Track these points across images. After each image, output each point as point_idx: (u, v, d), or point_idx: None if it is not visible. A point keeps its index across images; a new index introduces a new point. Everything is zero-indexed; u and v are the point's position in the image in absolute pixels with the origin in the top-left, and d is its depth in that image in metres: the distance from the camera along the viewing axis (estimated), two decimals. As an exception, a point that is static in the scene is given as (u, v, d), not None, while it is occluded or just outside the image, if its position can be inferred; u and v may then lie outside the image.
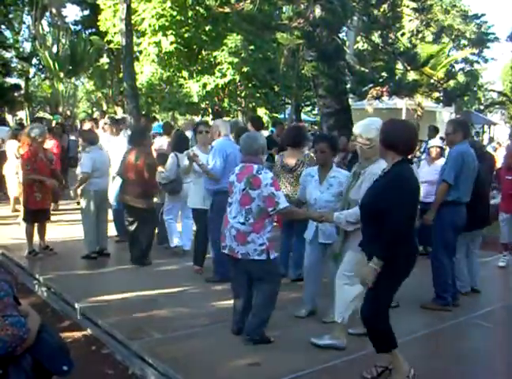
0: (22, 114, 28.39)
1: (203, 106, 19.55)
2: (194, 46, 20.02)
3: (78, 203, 8.08)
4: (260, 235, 4.09)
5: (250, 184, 4.08)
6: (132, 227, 6.43)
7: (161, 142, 8.41)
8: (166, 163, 6.76)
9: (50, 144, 8.82)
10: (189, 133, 9.65)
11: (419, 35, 26.88)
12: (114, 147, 7.78)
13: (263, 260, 4.09)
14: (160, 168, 6.73)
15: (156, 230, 6.93)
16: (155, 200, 6.80)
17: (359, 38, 13.01)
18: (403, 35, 21.79)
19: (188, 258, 6.40)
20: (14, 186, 8.99)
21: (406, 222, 3.25)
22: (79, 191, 6.70)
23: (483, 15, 37.04)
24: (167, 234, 6.97)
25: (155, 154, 7.30)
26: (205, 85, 18.51)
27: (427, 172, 6.70)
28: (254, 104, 20.80)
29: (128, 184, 6.40)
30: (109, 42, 21.46)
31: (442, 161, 6.65)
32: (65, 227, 8.17)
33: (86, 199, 6.65)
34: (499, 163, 11.18)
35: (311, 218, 4.36)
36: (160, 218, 7.05)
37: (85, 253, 6.60)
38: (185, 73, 19.81)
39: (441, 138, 12.45)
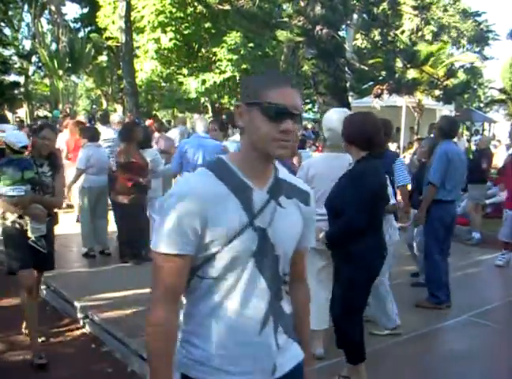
0: (21, 112, 28.36)
1: (202, 101, 19.47)
2: (194, 44, 19.97)
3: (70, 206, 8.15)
4: None
5: None
6: (122, 225, 6.42)
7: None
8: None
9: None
10: (177, 130, 9.89)
11: (419, 34, 26.82)
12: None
13: None
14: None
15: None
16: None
17: (358, 35, 12.97)
18: (402, 32, 21.75)
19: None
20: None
21: (359, 220, 3.07)
22: (75, 188, 6.72)
23: (483, 13, 36.99)
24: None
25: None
26: (204, 82, 18.47)
27: None
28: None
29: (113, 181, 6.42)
30: (108, 39, 21.42)
31: None
32: (66, 225, 8.14)
33: (81, 196, 6.69)
34: (500, 160, 11.20)
35: None
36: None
37: (84, 251, 6.61)
38: (184, 71, 19.76)
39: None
